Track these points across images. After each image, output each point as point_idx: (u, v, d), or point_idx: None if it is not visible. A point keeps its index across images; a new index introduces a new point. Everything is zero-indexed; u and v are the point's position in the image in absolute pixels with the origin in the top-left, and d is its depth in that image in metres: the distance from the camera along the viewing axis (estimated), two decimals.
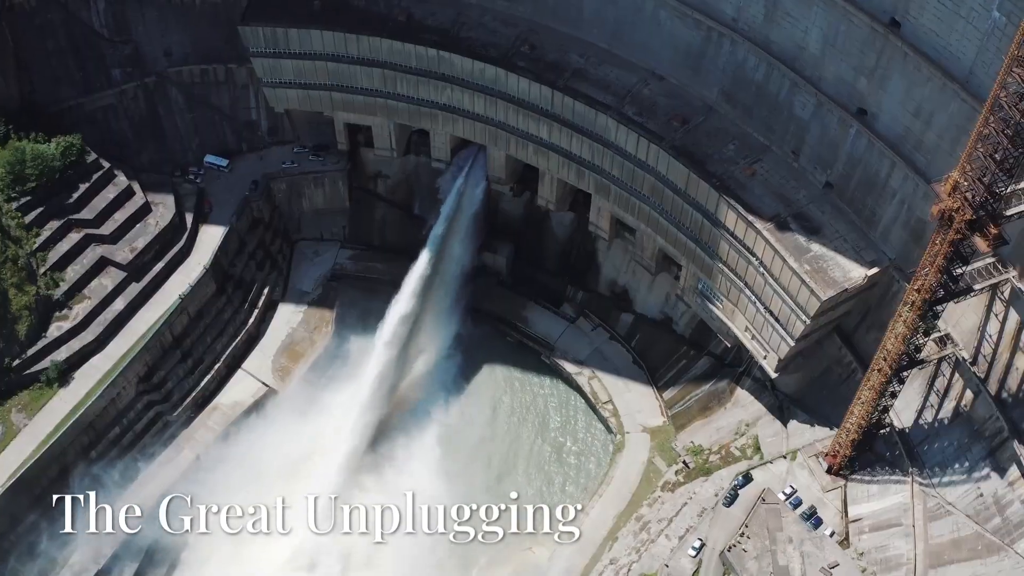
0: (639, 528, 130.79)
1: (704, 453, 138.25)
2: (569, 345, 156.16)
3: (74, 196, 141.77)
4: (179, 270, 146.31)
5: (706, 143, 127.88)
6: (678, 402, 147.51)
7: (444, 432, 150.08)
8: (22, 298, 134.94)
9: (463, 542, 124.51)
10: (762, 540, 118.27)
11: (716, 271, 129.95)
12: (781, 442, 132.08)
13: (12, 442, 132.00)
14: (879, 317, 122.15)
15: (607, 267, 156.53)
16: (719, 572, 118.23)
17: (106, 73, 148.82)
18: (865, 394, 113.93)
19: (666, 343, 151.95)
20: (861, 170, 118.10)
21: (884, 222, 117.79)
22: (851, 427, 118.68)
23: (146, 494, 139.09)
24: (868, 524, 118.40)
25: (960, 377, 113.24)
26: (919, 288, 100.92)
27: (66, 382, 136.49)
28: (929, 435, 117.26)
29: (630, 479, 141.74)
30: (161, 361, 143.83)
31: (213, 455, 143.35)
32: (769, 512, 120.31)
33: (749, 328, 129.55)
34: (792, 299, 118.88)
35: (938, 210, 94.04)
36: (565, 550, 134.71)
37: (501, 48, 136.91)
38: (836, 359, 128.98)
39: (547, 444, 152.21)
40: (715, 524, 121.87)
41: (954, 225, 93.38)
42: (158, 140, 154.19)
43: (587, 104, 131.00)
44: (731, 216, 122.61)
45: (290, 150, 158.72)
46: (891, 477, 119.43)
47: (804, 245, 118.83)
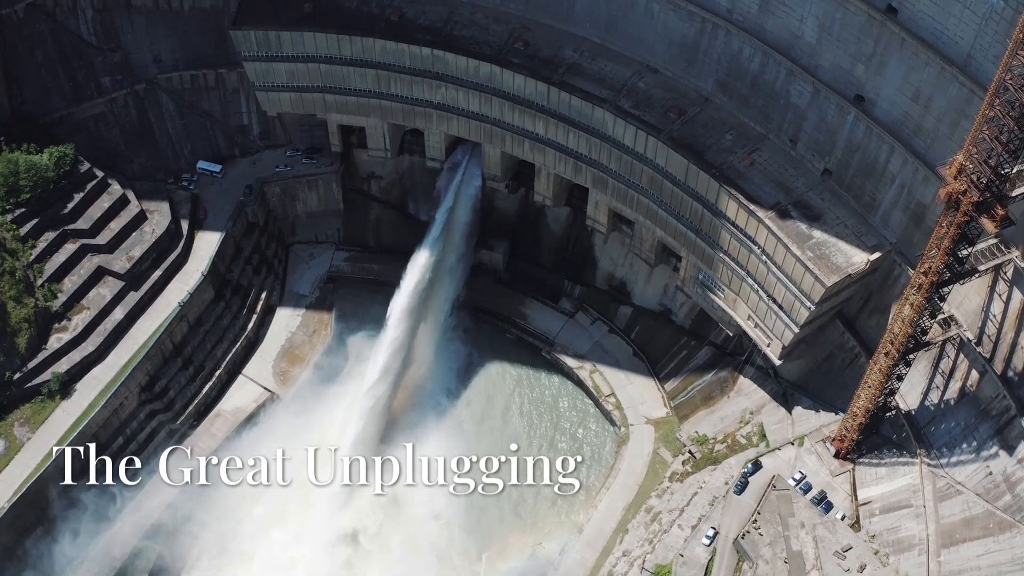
0: (650, 519, 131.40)
1: (709, 442, 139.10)
2: (569, 340, 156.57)
3: (69, 206, 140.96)
4: (177, 277, 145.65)
5: (703, 134, 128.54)
6: (680, 393, 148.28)
7: (449, 430, 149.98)
8: (21, 311, 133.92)
9: (463, 494, 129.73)
10: (775, 526, 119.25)
11: (717, 261, 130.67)
12: (786, 429, 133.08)
13: (16, 456, 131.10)
14: (881, 301, 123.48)
15: (604, 261, 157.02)
16: (733, 560, 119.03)
17: (96, 82, 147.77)
18: (873, 377, 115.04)
19: (666, 334, 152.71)
20: (859, 156, 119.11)
21: (884, 207, 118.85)
22: (858, 411, 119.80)
23: (152, 506, 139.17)
24: (878, 506, 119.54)
25: (965, 358, 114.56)
26: (926, 271, 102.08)
27: (68, 394, 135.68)
28: (936, 416, 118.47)
29: (636, 471, 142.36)
30: (162, 370, 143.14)
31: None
32: (780, 498, 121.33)
33: (752, 316, 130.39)
34: (796, 286, 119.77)
35: (945, 193, 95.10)
36: (575, 543, 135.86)
37: (495, 45, 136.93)
38: (839, 344, 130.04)
39: (552, 438, 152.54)
40: (727, 512, 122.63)
41: (961, 207, 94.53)
42: (150, 147, 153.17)
43: (584, 99, 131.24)
44: (732, 206, 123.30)
45: (283, 154, 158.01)
46: (899, 459, 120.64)
47: (806, 232, 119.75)
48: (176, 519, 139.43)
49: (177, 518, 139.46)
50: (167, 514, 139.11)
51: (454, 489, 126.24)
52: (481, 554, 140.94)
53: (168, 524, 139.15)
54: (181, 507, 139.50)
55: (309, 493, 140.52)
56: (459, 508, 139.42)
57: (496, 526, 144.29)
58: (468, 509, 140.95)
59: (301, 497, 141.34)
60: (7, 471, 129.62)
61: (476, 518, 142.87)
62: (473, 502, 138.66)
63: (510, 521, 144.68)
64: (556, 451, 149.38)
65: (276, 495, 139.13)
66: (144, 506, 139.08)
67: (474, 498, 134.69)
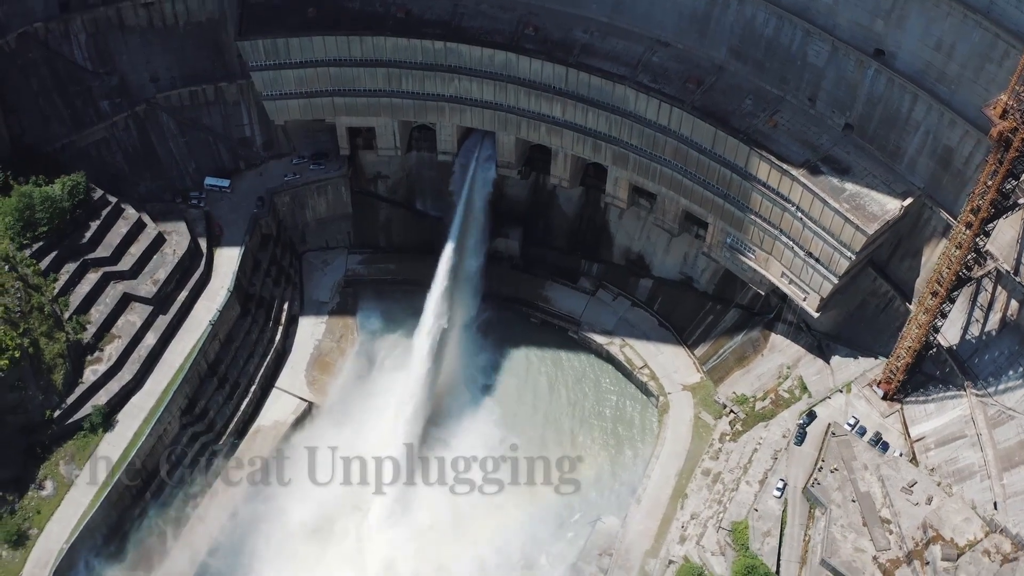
0: (711, 481, 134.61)
1: (750, 401, 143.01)
2: (594, 317, 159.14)
3: (86, 235, 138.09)
4: (202, 296, 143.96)
5: (724, 101, 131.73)
6: (712, 357, 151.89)
7: (493, 419, 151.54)
8: (54, 346, 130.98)
9: (462, 493, 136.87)
10: (840, 471, 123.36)
11: (747, 223, 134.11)
12: (827, 379, 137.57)
13: (67, 495, 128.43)
14: (912, 245, 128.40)
15: (620, 236, 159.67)
16: (805, 508, 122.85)
17: (95, 106, 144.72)
18: (920, 318, 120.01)
19: (689, 302, 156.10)
20: (882, 108, 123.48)
21: (910, 154, 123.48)
22: (904, 352, 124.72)
23: (210, 525, 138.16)
24: (932, 441, 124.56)
25: (1003, 289, 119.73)
26: (975, 208, 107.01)
27: (110, 426, 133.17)
28: (978, 348, 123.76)
29: (681, 437, 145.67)
30: (200, 390, 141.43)
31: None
32: (840, 444, 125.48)
33: (786, 273, 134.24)
34: (835, 238, 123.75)
35: (997, 132, 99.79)
36: (635, 514, 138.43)
37: (505, 33, 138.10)
38: (871, 291, 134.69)
39: (595, 414, 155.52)
40: (791, 463, 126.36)
41: (1014, 143, 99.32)
42: (154, 169, 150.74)
43: (604, 77, 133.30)
44: (763, 167, 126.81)
45: (288, 163, 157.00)
46: (946, 393, 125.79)
47: (839, 185, 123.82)
48: (233, 538, 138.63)
49: (234, 537, 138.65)
50: (224, 534, 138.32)
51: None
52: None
53: (226, 543, 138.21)
54: (237, 526, 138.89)
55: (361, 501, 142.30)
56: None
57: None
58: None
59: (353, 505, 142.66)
60: (61, 511, 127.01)
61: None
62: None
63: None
64: (599, 430, 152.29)
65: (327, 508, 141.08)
66: (199, 528, 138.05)
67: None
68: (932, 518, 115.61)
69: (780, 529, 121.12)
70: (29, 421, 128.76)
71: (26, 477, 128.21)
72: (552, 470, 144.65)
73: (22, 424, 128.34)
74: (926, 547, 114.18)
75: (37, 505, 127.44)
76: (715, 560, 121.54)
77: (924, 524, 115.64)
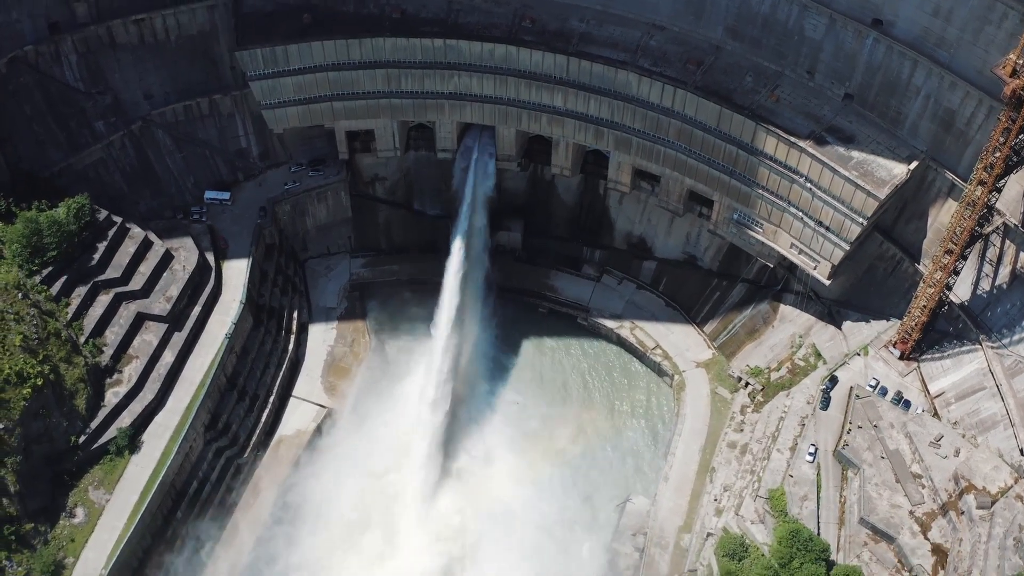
0: (739, 453, 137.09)
1: (765, 372, 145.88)
2: (602, 303, 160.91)
3: (95, 257, 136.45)
4: (215, 310, 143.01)
5: (725, 80, 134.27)
6: (722, 332, 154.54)
7: (512, 412, 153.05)
8: (74, 371, 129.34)
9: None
10: (868, 431, 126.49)
11: (754, 198, 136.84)
12: (840, 344, 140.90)
13: (99, 521, 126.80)
14: (917, 207, 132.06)
15: (621, 221, 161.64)
16: (838, 470, 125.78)
17: (89, 128, 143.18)
18: (935, 276, 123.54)
19: (695, 280, 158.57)
20: (881, 76, 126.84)
21: (911, 119, 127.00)
22: (919, 311, 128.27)
23: (243, 540, 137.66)
24: (952, 395, 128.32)
25: (1011, 243, 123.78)
26: (988, 166, 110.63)
27: (136, 447, 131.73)
28: (990, 302, 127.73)
29: (700, 413, 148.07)
30: (221, 405, 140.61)
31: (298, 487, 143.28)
32: (865, 405, 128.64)
33: (795, 244, 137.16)
34: (845, 205, 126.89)
35: (1010, 90, 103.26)
36: (664, 491, 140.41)
37: (502, 27, 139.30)
38: (878, 255, 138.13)
39: (612, 397, 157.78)
40: (819, 428, 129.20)
41: None
42: (153, 186, 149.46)
43: (605, 64, 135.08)
44: (770, 141, 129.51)
45: (286, 171, 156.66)
46: (961, 348, 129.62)
47: (845, 154, 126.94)
48: (269, 550, 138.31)
49: (270, 549, 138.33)
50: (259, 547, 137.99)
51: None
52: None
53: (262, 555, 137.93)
54: (270, 540, 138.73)
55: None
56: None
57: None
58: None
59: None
60: (95, 537, 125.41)
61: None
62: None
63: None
64: (619, 412, 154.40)
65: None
66: (235, 542, 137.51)
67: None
68: (962, 469, 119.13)
69: (816, 493, 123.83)
70: (54, 449, 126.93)
71: (56, 506, 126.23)
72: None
73: (48, 452, 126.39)
74: (959, 497, 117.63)
75: (70, 533, 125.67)
76: (755, 528, 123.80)
77: (955, 475, 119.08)
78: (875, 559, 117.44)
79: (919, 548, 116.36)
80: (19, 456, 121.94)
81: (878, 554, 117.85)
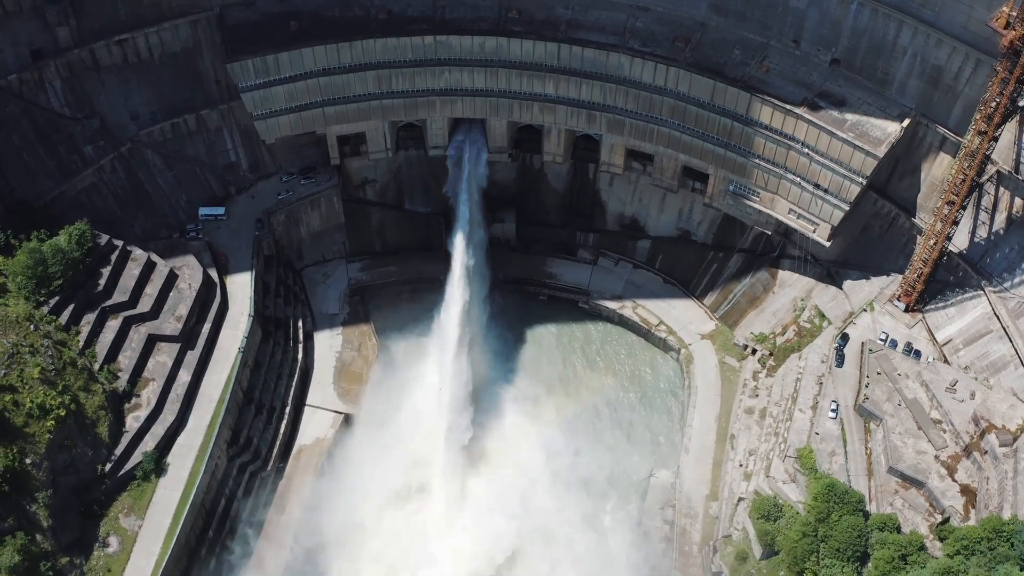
0: (758, 417, 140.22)
1: (770, 338, 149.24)
2: (602, 285, 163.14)
3: (100, 283, 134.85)
4: (225, 326, 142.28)
5: (714, 55, 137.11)
6: (722, 303, 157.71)
7: (525, 400, 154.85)
8: (93, 399, 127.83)
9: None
10: (884, 383, 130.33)
11: (751, 168, 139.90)
12: (843, 303, 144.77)
13: (134, 548, 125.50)
14: (909, 163, 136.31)
15: (613, 203, 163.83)
16: (860, 423, 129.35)
17: (79, 153, 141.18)
18: (936, 228, 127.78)
19: (691, 255, 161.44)
20: (867, 39, 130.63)
21: (899, 78, 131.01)
22: (922, 263, 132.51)
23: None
24: (960, 341, 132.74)
25: (1006, 189, 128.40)
26: (987, 116, 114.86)
27: (162, 470, 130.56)
28: (988, 248, 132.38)
29: (711, 383, 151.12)
30: (241, 420, 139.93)
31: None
32: (879, 358, 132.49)
33: (794, 209, 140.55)
34: (844, 166, 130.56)
35: (1008, 41, 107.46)
36: (686, 462, 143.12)
37: (490, 20, 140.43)
38: (873, 213, 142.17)
39: (622, 377, 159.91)
40: (837, 385, 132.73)
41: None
42: (146, 207, 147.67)
43: (597, 48, 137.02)
44: (766, 111, 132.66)
45: (276, 182, 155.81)
46: (964, 295, 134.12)
47: (839, 117, 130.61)
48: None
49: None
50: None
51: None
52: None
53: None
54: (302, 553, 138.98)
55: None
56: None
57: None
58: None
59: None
60: (132, 564, 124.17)
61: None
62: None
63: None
64: (631, 390, 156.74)
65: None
66: (267, 556, 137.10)
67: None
68: (980, 410, 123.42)
69: (844, 447, 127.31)
70: (81, 479, 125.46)
71: (88, 537, 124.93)
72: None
73: (75, 484, 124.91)
74: (981, 438, 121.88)
75: (106, 564, 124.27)
76: (788, 488, 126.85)
77: (974, 417, 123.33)
78: (907, 505, 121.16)
79: (948, 490, 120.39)
80: (49, 490, 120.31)
81: (909, 500, 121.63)
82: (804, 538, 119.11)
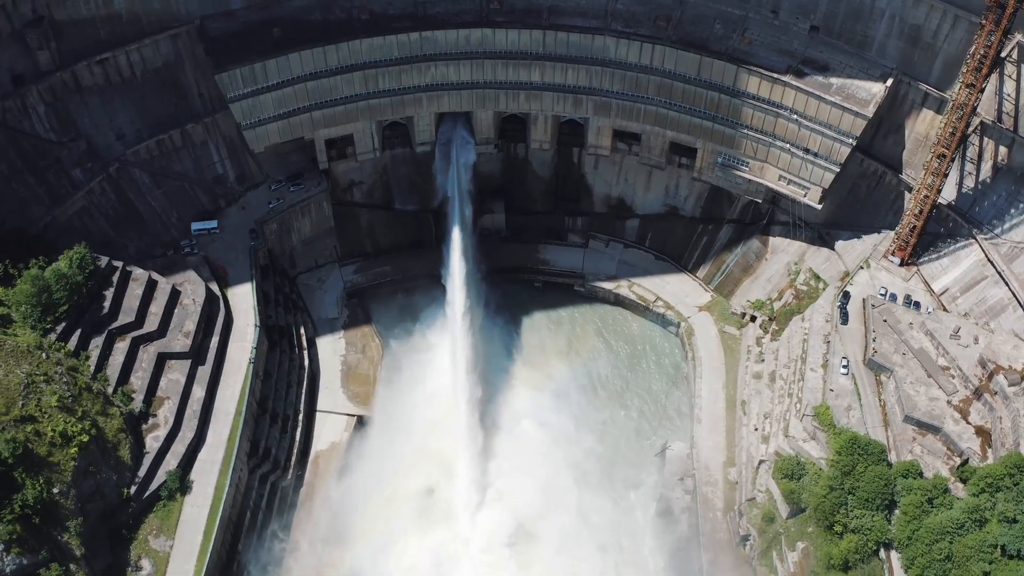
0: (768, 381, 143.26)
1: (768, 303, 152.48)
2: (595, 267, 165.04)
3: (104, 305, 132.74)
4: (232, 339, 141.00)
5: (695, 31, 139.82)
6: (716, 274, 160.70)
7: (533, 384, 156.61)
8: (112, 423, 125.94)
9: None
10: (890, 336, 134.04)
11: (739, 139, 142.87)
12: (836, 264, 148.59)
13: (168, 569, 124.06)
14: (893, 121, 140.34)
15: (599, 185, 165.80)
16: (871, 377, 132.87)
17: (68, 177, 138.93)
18: (928, 181, 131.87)
19: (680, 230, 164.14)
20: (844, 4, 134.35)
21: (878, 40, 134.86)
22: (913, 217, 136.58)
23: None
24: (957, 289, 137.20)
25: (989, 139, 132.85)
26: (975, 69, 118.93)
27: (187, 488, 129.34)
28: (976, 197, 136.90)
29: (714, 353, 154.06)
30: (258, 431, 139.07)
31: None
32: (882, 312, 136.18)
33: (784, 176, 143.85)
34: (833, 129, 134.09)
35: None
36: (699, 432, 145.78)
37: (472, 12, 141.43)
38: (860, 173, 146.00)
39: (627, 355, 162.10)
40: (844, 342, 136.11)
41: (1010, 4, 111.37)
42: (138, 226, 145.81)
43: (581, 33, 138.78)
44: (753, 81, 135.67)
45: (265, 192, 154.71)
46: (956, 245, 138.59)
47: (825, 82, 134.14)
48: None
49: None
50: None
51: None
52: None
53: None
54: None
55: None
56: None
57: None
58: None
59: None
60: None
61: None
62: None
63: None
64: (638, 368, 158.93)
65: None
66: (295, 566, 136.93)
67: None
68: (986, 353, 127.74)
69: (858, 401, 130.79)
70: (107, 504, 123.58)
71: (120, 562, 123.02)
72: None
73: (102, 509, 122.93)
74: (990, 380, 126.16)
75: None
76: (808, 446, 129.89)
77: (981, 360, 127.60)
78: (926, 451, 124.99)
79: (964, 433, 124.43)
80: (79, 518, 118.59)
81: (927, 446, 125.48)
82: (832, 492, 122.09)
